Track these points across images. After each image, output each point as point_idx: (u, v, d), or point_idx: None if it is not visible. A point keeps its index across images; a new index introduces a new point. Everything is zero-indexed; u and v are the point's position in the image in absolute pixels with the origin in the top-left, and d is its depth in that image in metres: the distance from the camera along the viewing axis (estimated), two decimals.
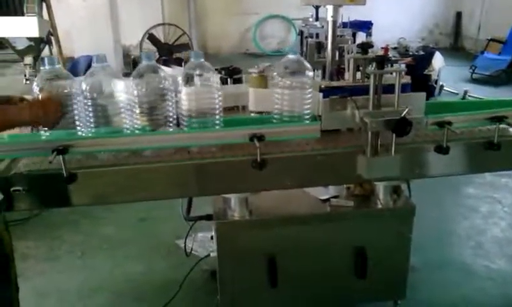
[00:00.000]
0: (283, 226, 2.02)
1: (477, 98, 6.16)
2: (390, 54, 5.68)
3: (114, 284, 2.66)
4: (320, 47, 5.97)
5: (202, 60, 1.80)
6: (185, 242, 2.40)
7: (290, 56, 1.88)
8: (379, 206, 2.07)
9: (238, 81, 2.27)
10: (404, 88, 1.97)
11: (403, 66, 4.21)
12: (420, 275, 2.63)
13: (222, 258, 2.02)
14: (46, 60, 1.71)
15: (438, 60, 4.80)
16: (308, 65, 1.86)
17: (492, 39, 7.56)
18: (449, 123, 1.84)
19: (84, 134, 1.74)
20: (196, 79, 1.82)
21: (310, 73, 1.85)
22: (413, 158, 1.89)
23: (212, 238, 2.11)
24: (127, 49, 8.61)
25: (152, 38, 5.32)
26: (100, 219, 3.30)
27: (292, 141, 1.82)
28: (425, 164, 1.92)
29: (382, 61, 1.74)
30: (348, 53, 5.45)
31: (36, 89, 1.68)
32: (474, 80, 7.26)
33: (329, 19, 2.72)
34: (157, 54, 5.44)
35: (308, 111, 1.86)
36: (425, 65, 4.63)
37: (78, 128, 1.75)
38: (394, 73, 1.75)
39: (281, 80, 1.81)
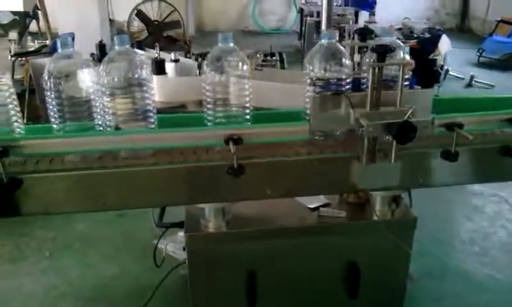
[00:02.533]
0: (265, 239, 1.76)
1: (485, 83, 5.86)
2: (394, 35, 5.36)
3: (83, 289, 2.42)
4: (320, 26, 5.69)
5: (231, 45, 1.54)
6: (154, 252, 2.14)
7: None
8: (375, 217, 1.81)
9: None
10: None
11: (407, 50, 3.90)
12: (418, 286, 2.40)
13: (194, 274, 1.77)
14: None
15: (444, 43, 4.49)
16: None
17: (502, 21, 7.20)
18: (460, 126, 1.57)
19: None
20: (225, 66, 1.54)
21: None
22: (415, 166, 1.63)
23: (184, 249, 1.85)
24: (120, 25, 8.26)
25: (141, 15, 4.99)
26: (74, 214, 3.04)
27: (275, 143, 1.56)
28: (430, 172, 1.66)
29: (383, 52, 1.46)
30: (349, 35, 5.18)
31: None
32: (481, 64, 6.93)
33: None
34: (145, 32, 5.13)
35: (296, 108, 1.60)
36: (430, 49, 4.32)
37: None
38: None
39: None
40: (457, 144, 1.54)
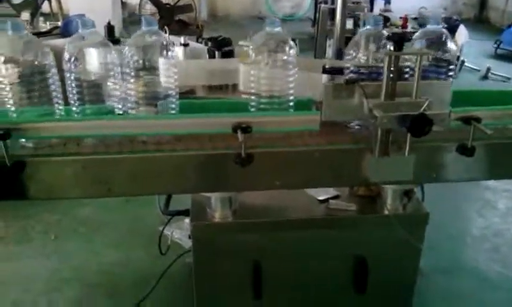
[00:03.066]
0: (271, 231, 1.72)
1: (501, 76, 5.72)
2: (409, 25, 5.24)
3: (86, 275, 2.40)
4: (334, 13, 5.58)
5: (279, 29, 1.49)
6: (159, 239, 2.10)
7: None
8: (386, 211, 1.75)
9: (228, 55, 1.93)
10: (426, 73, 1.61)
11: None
12: (427, 282, 2.34)
13: (199, 264, 1.73)
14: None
15: (461, 34, 4.37)
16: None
17: None
18: (477, 120, 1.51)
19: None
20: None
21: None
22: (430, 160, 1.57)
23: (189, 237, 1.81)
24: (133, 8, 8.20)
25: None
26: (80, 198, 3.02)
27: (285, 133, 1.51)
28: (445, 166, 1.60)
29: (401, 40, 1.40)
30: (364, 24, 5.07)
31: None
32: (498, 56, 6.77)
33: None
34: (157, 15, 5.06)
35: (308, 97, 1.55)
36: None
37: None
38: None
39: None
40: (474, 139, 1.48)
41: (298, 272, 1.79)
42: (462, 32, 4.48)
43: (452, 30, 4.56)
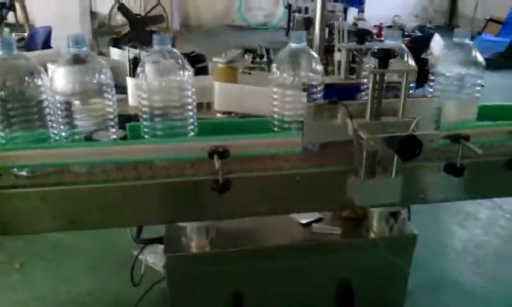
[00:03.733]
0: (252, 260, 1.61)
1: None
2: (384, 33, 5.23)
3: (55, 305, 2.24)
4: (309, 23, 5.52)
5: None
6: (131, 269, 1.97)
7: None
8: (372, 234, 1.67)
9: (202, 71, 1.82)
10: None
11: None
12: (413, 300, 2.27)
13: (175, 297, 1.61)
14: None
15: (437, 43, 4.38)
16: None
17: (491, 19, 7.13)
18: (466, 138, 1.44)
19: None
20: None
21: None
22: (416, 180, 1.50)
23: (164, 267, 1.69)
24: (103, 18, 8.00)
25: (123, 9, 4.77)
26: None
27: (265, 156, 1.42)
28: (432, 187, 1.53)
29: (386, 56, 1.32)
30: (339, 32, 5.04)
31: None
32: None
33: None
34: (128, 27, 4.91)
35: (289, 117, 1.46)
36: (423, 48, 4.21)
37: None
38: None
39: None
40: (462, 157, 1.42)
41: (281, 300, 1.68)
42: (437, 40, 4.48)
43: (427, 39, 4.57)
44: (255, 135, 1.41)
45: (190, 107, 1.41)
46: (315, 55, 1.44)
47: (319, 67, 1.43)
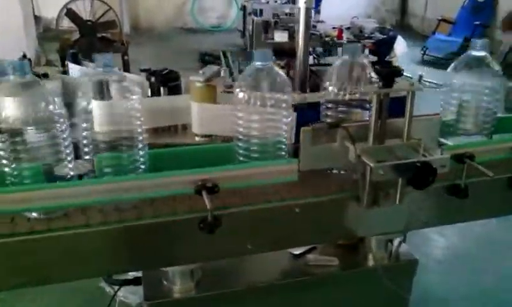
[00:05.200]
0: (243, 301, 1.44)
1: (432, 83, 5.82)
2: (344, 36, 5.18)
3: None
4: (268, 26, 5.40)
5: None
6: None
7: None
8: (371, 262, 1.54)
9: (175, 90, 1.63)
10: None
11: (366, 52, 3.74)
12: None
13: None
14: None
15: (400, 45, 4.37)
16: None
17: (443, 19, 7.27)
18: (471, 157, 1.34)
19: None
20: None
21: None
22: (418, 204, 1.38)
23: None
24: (48, 23, 7.55)
25: (71, 14, 4.45)
26: None
27: (257, 187, 1.25)
28: (435, 209, 1.42)
29: (391, 76, 1.19)
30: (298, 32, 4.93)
31: None
32: (426, 62, 6.95)
33: (302, 5, 2.10)
34: (77, 33, 4.59)
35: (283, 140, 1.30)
36: (386, 51, 4.18)
37: None
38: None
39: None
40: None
41: None
42: (400, 42, 4.47)
43: (390, 41, 4.55)
44: (246, 164, 1.25)
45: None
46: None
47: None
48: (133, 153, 1.22)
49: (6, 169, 1.13)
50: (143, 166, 1.24)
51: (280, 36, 4.91)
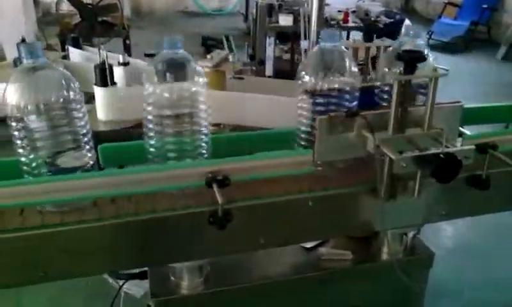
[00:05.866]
0: (253, 297, 1.39)
1: (439, 68, 5.73)
2: (350, 19, 5.07)
3: None
4: (272, 9, 5.29)
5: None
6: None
7: None
8: (386, 256, 1.48)
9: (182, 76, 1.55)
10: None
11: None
12: None
13: None
14: None
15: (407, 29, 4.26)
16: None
17: (449, 3, 7.13)
18: (494, 147, 1.27)
19: None
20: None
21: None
22: (437, 195, 1.31)
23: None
24: (48, 7, 7.44)
25: None
26: None
27: (269, 179, 1.19)
28: (455, 201, 1.36)
29: (413, 60, 1.12)
30: (304, 18, 4.83)
31: None
32: (431, 47, 6.81)
33: None
34: (78, 17, 4.49)
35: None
36: (394, 35, 4.08)
37: None
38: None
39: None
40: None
41: None
42: (408, 27, 4.37)
43: (397, 25, 4.45)
44: (258, 155, 1.18)
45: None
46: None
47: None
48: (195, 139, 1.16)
49: (23, 159, 1.07)
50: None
51: (285, 20, 4.81)
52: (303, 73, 1.24)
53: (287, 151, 1.22)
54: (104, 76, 1.34)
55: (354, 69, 1.23)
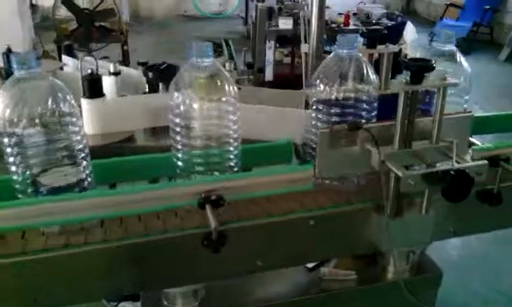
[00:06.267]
0: None
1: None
2: (351, 22, 5.00)
3: None
4: (272, 12, 5.22)
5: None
6: None
7: None
8: (391, 275, 1.39)
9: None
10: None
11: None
12: None
13: None
14: None
15: (409, 31, 4.18)
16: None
17: (451, 4, 7.05)
18: (506, 160, 1.20)
19: None
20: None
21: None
22: (448, 212, 1.23)
23: None
24: (46, 12, 7.36)
25: (67, 2, 4.27)
26: None
27: (267, 197, 1.12)
28: (464, 217, 1.28)
29: (421, 70, 1.04)
30: (304, 21, 4.76)
31: None
32: None
33: None
34: (75, 22, 4.41)
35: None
36: (396, 38, 4.00)
37: None
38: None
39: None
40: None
41: None
42: (410, 29, 4.29)
43: (399, 28, 4.37)
44: (255, 172, 1.11)
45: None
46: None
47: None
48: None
49: (15, 177, 1.00)
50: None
51: (285, 23, 4.73)
52: (318, 81, 1.17)
53: (286, 167, 1.15)
54: (92, 87, 1.27)
55: (373, 77, 1.15)
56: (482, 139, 1.36)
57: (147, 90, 1.50)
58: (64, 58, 1.80)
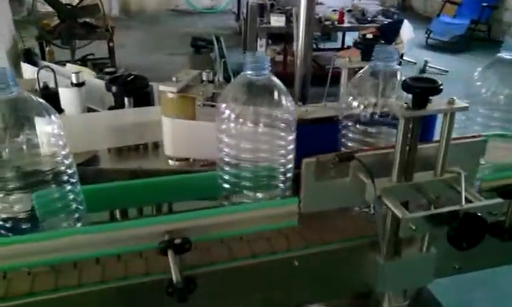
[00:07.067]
0: None
1: (438, 69, 5.50)
2: (346, 19, 4.83)
3: None
4: (263, 9, 5.05)
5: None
6: None
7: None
8: None
9: (144, 100, 1.30)
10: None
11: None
12: None
13: None
14: None
15: (406, 30, 4.03)
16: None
17: (448, 1, 6.89)
18: None
19: None
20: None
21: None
22: (452, 248, 1.08)
23: None
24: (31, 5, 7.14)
25: None
26: None
27: (244, 236, 0.97)
28: (473, 253, 1.12)
29: (425, 93, 0.88)
30: (297, 18, 4.60)
31: None
32: (430, 47, 6.59)
33: None
34: (56, 18, 4.20)
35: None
36: (392, 36, 3.84)
37: None
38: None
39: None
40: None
41: None
42: (406, 27, 4.13)
43: (395, 26, 4.19)
44: (229, 208, 0.95)
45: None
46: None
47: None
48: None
49: None
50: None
51: (277, 20, 4.56)
52: (351, 98, 1.05)
53: (266, 202, 0.99)
54: (47, 102, 1.10)
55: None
56: None
57: (114, 101, 1.33)
58: (23, 65, 1.62)
